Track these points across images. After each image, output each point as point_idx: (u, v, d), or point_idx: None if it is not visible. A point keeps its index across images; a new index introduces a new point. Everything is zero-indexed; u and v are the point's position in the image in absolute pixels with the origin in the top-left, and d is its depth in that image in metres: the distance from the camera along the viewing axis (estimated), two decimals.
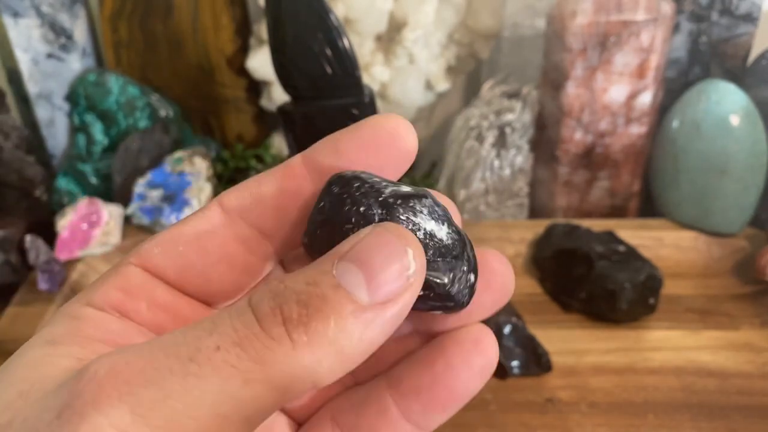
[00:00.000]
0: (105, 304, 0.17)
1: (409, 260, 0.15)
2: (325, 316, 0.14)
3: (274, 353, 0.14)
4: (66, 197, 0.64)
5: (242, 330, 0.14)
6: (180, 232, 0.18)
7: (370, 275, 0.15)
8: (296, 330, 0.14)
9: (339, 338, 0.14)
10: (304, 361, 0.14)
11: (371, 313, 0.14)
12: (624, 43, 0.55)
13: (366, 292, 0.15)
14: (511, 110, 0.60)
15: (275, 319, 0.14)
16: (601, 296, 0.49)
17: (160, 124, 0.65)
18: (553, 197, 0.63)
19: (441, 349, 0.18)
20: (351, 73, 0.42)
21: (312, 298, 0.14)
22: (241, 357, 0.14)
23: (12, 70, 0.63)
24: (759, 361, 0.46)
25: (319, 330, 0.14)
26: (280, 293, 0.15)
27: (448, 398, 0.18)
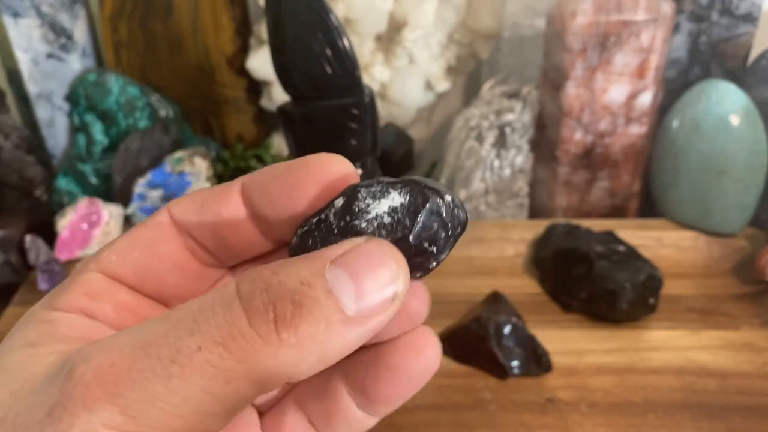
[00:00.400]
0: (72, 308, 0.18)
1: (398, 285, 0.16)
2: (316, 320, 0.15)
3: (258, 352, 0.14)
4: (66, 197, 0.64)
5: (226, 327, 0.14)
6: (136, 238, 0.19)
7: (360, 289, 0.15)
8: (287, 330, 0.15)
9: (323, 342, 0.15)
10: (287, 359, 0.15)
11: (355, 323, 0.15)
12: (624, 43, 0.55)
13: (354, 303, 0.15)
14: (511, 110, 0.60)
15: (267, 316, 0.15)
16: (601, 296, 0.49)
17: (160, 124, 0.65)
18: (553, 197, 0.63)
19: (384, 353, 0.19)
20: (351, 73, 0.42)
21: (305, 299, 0.15)
22: (223, 357, 0.14)
23: (12, 70, 0.63)
24: (759, 361, 0.46)
25: (308, 332, 0.15)
26: (273, 288, 0.15)
27: (390, 395, 0.19)
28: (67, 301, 0.18)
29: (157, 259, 0.19)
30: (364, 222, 0.17)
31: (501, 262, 0.57)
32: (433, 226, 0.17)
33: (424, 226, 0.17)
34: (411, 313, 0.19)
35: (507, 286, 0.52)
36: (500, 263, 0.57)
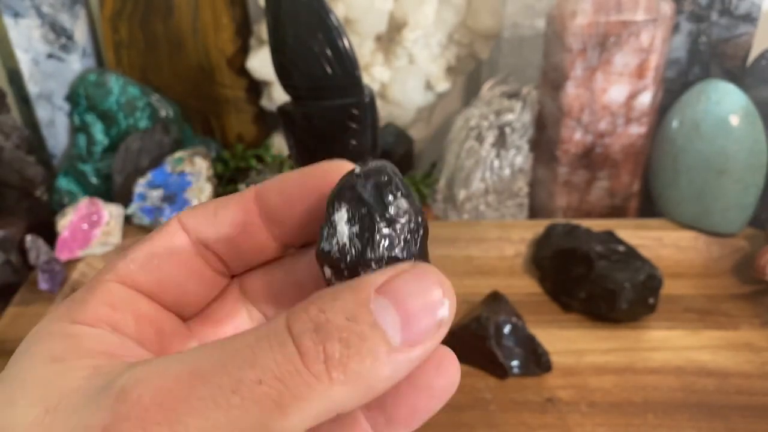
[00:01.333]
0: (96, 321, 0.18)
1: (444, 310, 0.16)
2: (362, 358, 0.15)
3: (313, 390, 0.15)
4: (66, 197, 0.64)
5: (284, 364, 0.15)
6: (152, 247, 0.19)
7: (406, 319, 0.15)
8: (336, 369, 0.15)
9: (371, 377, 0.15)
10: (337, 396, 0.15)
11: (401, 354, 0.15)
12: (624, 43, 0.55)
13: (400, 335, 0.15)
14: (511, 110, 0.60)
15: (318, 357, 0.15)
16: (601, 296, 0.49)
17: (160, 124, 0.66)
18: (552, 197, 0.63)
19: None
20: (351, 73, 0.42)
21: (352, 337, 0.15)
22: (282, 392, 0.15)
23: (12, 70, 0.63)
24: (758, 361, 0.47)
25: (356, 370, 0.15)
26: (322, 327, 0.15)
27: (410, 416, 0.18)
28: (89, 313, 0.18)
29: (176, 268, 0.19)
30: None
31: (501, 262, 0.57)
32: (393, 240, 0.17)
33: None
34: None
35: (507, 286, 0.52)
36: (500, 263, 0.57)
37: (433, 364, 0.18)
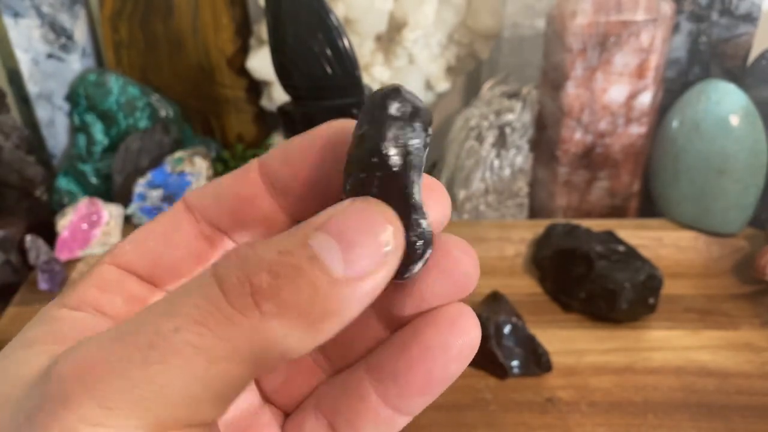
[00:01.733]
0: (81, 303, 0.17)
1: (387, 237, 0.15)
2: (297, 287, 0.14)
3: (240, 327, 0.14)
4: (66, 197, 0.64)
5: (204, 306, 0.14)
6: (150, 229, 0.19)
7: (347, 248, 0.14)
8: (266, 301, 0.14)
9: (311, 310, 0.14)
10: (272, 332, 0.14)
11: (345, 287, 0.14)
12: (624, 43, 0.55)
13: (342, 265, 0.14)
14: (511, 110, 0.60)
15: (243, 290, 0.14)
16: (601, 296, 0.49)
17: (160, 124, 0.65)
18: (553, 197, 0.63)
19: (417, 332, 0.17)
20: (351, 73, 0.42)
21: (284, 268, 0.14)
22: (203, 335, 0.14)
23: (12, 70, 0.63)
24: (758, 361, 0.47)
25: (290, 301, 0.14)
26: (248, 261, 0.14)
27: (426, 382, 0.17)
28: (77, 296, 0.17)
29: (172, 248, 0.19)
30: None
31: (501, 262, 0.57)
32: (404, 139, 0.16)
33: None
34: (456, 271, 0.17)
35: (507, 286, 0.52)
36: (500, 263, 0.57)
37: (447, 321, 0.17)
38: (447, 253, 0.17)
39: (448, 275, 0.17)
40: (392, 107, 0.16)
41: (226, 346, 0.14)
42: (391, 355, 0.17)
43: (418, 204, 0.16)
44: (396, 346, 0.17)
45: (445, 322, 0.17)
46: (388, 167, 0.16)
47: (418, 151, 0.16)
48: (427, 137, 0.17)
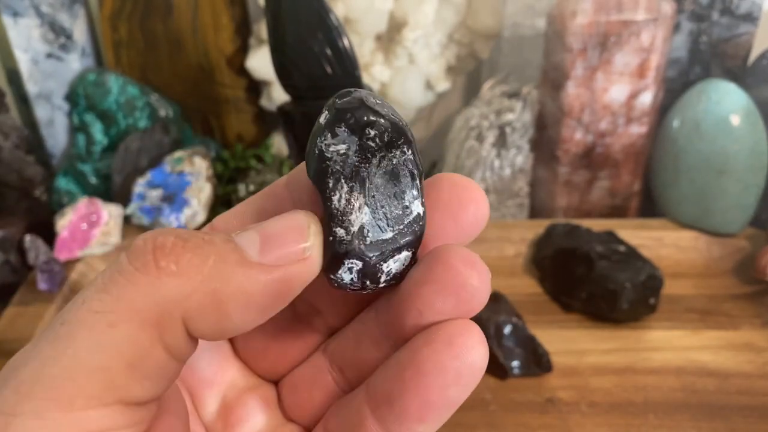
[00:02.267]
0: None
1: (308, 235, 0.15)
2: (204, 253, 0.14)
3: (137, 285, 0.13)
4: (66, 197, 0.64)
5: (109, 274, 0.14)
6: None
7: (265, 239, 0.15)
8: (166, 258, 0.14)
9: (214, 279, 0.14)
10: (168, 291, 0.13)
11: (257, 270, 0.14)
12: (624, 42, 0.55)
13: (257, 251, 0.14)
14: (511, 110, 0.60)
15: (145, 248, 0.14)
16: (602, 296, 0.49)
17: (159, 124, 0.65)
18: (553, 197, 0.63)
19: (412, 351, 0.15)
20: (351, 73, 0.42)
21: (195, 237, 0.14)
22: (103, 300, 0.13)
23: (12, 70, 0.63)
24: (759, 361, 0.46)
25: (192, 263, 0.14)
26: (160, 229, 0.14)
27: (422, 408, 0.15)
28: None
29: None
30: None
31: (501, 262, 0.57)
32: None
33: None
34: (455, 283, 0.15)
35: (507, 286, 0.52)
36: (500, 263, 0.57)
37: (444, 339, 0.15)
38: (447, 265, 0.16)
39: (448, 290, 0.15)
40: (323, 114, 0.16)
41: (125, 306, 0.13)
42: (387, 376, 0.16)
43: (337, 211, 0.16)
44: (392, 366, 0.16)
45: (443, 340, 0.15)
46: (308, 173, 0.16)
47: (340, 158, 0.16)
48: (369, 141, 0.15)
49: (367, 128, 0.15)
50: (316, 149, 0.16)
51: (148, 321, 0.13)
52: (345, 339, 0.19)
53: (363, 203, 0.16)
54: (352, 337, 0.18)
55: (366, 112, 0.15)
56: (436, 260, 0.16)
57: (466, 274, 0.15)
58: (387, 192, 0.16)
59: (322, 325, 0.19)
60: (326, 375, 0.19)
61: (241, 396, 0.19)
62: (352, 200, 0.16)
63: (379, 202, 0.16)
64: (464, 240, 0.17)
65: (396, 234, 0.16)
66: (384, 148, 0.16)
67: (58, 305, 0.53)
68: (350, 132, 0.15)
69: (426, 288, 0.16)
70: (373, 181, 0.16)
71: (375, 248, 0.16)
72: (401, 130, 0.16)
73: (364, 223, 0.16)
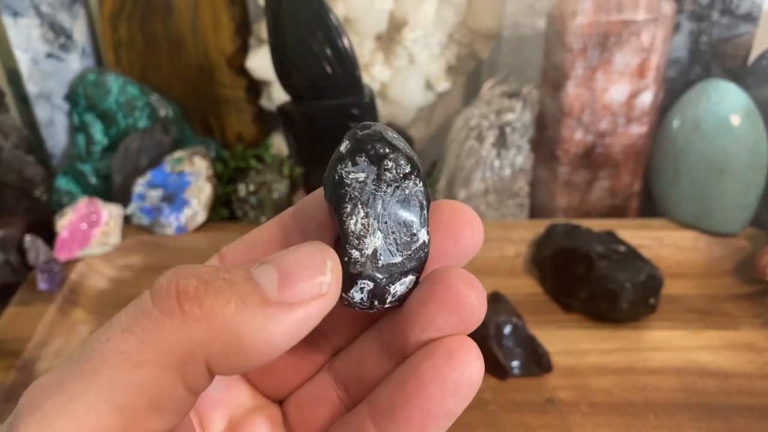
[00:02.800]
0: None
1: (326, 270, 0.15)
2: (225, 297, 0.14)
3: (162, 329, 0.14)
4: (65, 197, 0.64)
5: (133, 314, 0.14)
6: None
7: (283, 275, 0.15)
8: (189, 302, 0.14)
9: (236, 322, 0.14)
10: (193, 335, 0.14)
11: (277, 309, 0.14)
12: (624, 42, 0.55)
13: (276, 289, 0.14)
14: (512, 110, 0.60)
15: (169, 292, 0.14)
16: (602, 296, 0.49)
17: (159, 124, 0.65)
18: (553, 197, 0.63)
19: (414, 365, 0.16)
20: (351, 73, 0.42)
21: (216, 279, 0.14)
22: (128, 341, 0.14)
23: (11, 69, 0.63)
24: (759, 361, 0.46)
25: (215, 307, 0.14)
26: (183, 270, 0.14)
27: (423, 419, 0.16)
28: None
29: None
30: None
31: (501, 262, 0.57)
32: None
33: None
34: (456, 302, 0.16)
35: (507, 286, 0.52)
36: (500, 263, 0.57)
37: (444, 353, 0.16)
38: (448, 286, 0.16)
39: (450, 308, 0.16)
40: (344, 143, 0.17)
41: (150, 349, 0.14)
42: (388, 390, 0.17)
43: (353, 234, 0.17)
44: (394, 380, 0.17)
45: (442, 354, 0.16)
46: (326, 196, 0.17)
47: (359, 185, 0.17)
48: (386, 171, 0.17)
49: (385, 160, 0.17)
50: (336, 175, 0.17)
51: (172, 363, 0.14)
52: (349, 358, 0.19)
53: (377, 228, 0.17)
54: (356, 356, 0.19)
55: (385, 145, 0.17)
56: (437, 281, 0.17)
57: (466, 293, 0.16)
58: (398, 219, 0.17)
59: (328, 346, 0.20)
60: (331, 392, 0.19)
61: (248, 416, 0.20)
62: (367, 225, 0.17)
63: (390, 228, 0.17)
64: (463, 259, 0.18)
65: (404, 259, 0.17)
66: (400, 178, 0.17)
67: (58, 305, 0.53)
68: (370, 162, 0.17)
69: (428, 307, 0.17)
70: (387, 208, 0.17)
71: (385, 271, 0.17)
72: (415, 164, 0.17)
73: (377, 247, 0.17)
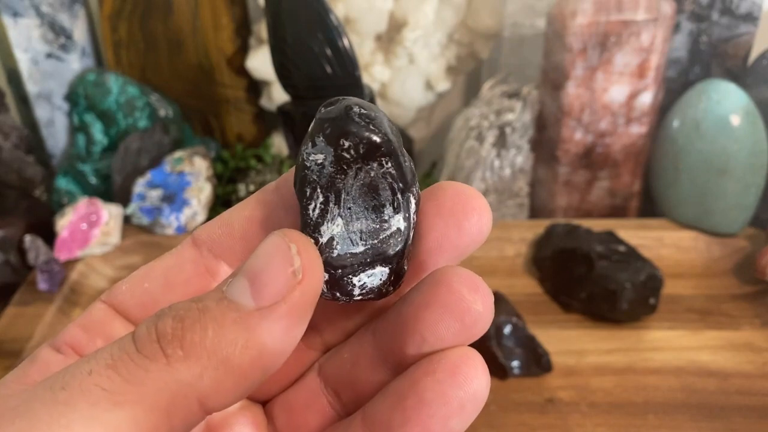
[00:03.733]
0: (63, 344, 0.17)
1: (291, 255, 0.14)
2: (202, 327, 0.14)
3: (148, 372, 0.13)
4: (66, 197, 0.64)
5: (117, 353, 0.14)
6: (150, 268, 0.18)
7: (252, 279, 0.14)
8: (170, 345, 0.13)
9: (220, 348, 0.13)
10: (181, 376, 0.13)
11: (257, 318, 0.14)
12: (624, 42, 0.55)
13: (250, 297, 0.14)
14: (511, 110, 0.60)
15: (150, 337, 0.14)
16: (602, 296, 0.49)
17: (159, 124, 0.65)
18: (553, 197, 0.63)
19: (414, 380, 0.15)
20: (351, 73, 0.42)
21: (190, 312, 0.14)
22: (112, 379, 0.13)
23: (11, 69, 0.63)
24: (759, 361, 0.46)
25: (195, 341, 0.13)
26: (161, 313, 0.14)
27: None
28: (63, 336, 0.17)
29: (167, 290, 0.18)
30: None
31: (501, 262, 0.57)
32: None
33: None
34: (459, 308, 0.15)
35: (507, 286, 0.52)
36: (500, 263, 0.57)
37: (447, 368, 0.15)
38: (450, 289, 0.15)
39: (453, 315, 0.15)
40: (312, 125, 0.16)
41: (135, 390, 0.13)
42: (386, 405, 0.16)
43: (311, 221, 0.16)
44: (392, 395, 0.16)
45: (446, 369, 0.15)
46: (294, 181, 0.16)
47: (317, 168, 0.15)
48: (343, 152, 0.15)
49: (341, 139, 0.15)
50: (300, 158, 0.16)
51: (159, 405, 0.13)
52: (340, 360, 0.18)
53: (337, 215, 0.16)
54: (348, 359, 0.18)
55: (344, 123, 0.15)
56: (438, 283, 0.15)
57: (471, 299, 0.15)
58: (365, 204, 0.16)
59: (319, 341, 0.19)
60: (321, 397, 0.18)
61: (228, 418, 0.19)
62: (325, 211, 0.16)
63: (355, 214, 0.16)
64: (468, 248, 0.17)
65: (368, 248, 0.16)
66: (359, 159, 0.15)
67: (58, 305, 0.53)
68: (326, 142, 0.15)
69: (428, 312, 0.15)
70: (350, 192, 0.16)
71: (341, 260, 0.16)
72: (378, 143, 0.15)
73: (335, 235, 0.16)
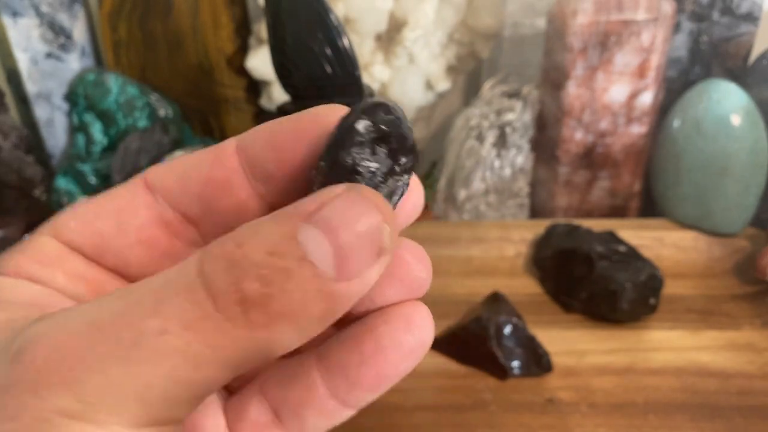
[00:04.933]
0: (18, 274, 0.16)
1: (383, 238, 0.14)
2: (289, 296, 0.13)
3: (228, 336, 0.13)
4: (65, 197, 0.64)
5: (192, 310, 0.13)
6: (100, 206, 0.17)
7: (338, 249, 0.13)
8: (255, 310, 0.13)
9: (300, 317, 0.13)
10: (260, 340, 0.13)
11: (337, 289, 0.14)
12: (624, 42, 0.55)
13: (333, 268, 0.13)
14: (512, 110, 0.60)
15: (232, 297, 0.13)
16: (602, 296, 0.49)
17: (159, 124, 0.65)
18: (553, 197, 0.63)
19: (371, 328, 0.16)
20: (351, 73, 0.42)
21: (275, 274, 0.13)
22: (190, 342, 0.13)
23: (11, 69, 0.63)
24: (760, 362, 0.46)
25: (280, 311, 0.13)
26: (237, 264, 0.13)
27: (376, 379, 0.16)
28: (14, 266, 0.16)
29: (120, 233, 0.17)
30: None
31: (501, 262, 0.57)
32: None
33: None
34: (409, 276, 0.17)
35: (507, 286, 0.52)
36: (500, 263, 0.57)
37: (401, 318, 0.16)
38: (400, 259, 0.17)
39: (400, 281, 0.17)
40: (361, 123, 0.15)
41: (213, 353, 0.13)
42: (343, 349, 0.17)
43: None
44: (349, 340, 0.17)
45: (400, 319, 0.16)
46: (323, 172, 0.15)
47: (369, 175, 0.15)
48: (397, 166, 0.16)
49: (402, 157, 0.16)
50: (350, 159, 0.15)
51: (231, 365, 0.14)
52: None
53: None
54: None
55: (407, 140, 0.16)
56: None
57: (416, 267, 0.17)
58: None
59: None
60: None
61: None
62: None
63: None
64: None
65: None
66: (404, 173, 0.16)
67: None
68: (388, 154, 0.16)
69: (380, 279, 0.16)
70: None
71: None
72: (416, 159, 0.16)
73: None
